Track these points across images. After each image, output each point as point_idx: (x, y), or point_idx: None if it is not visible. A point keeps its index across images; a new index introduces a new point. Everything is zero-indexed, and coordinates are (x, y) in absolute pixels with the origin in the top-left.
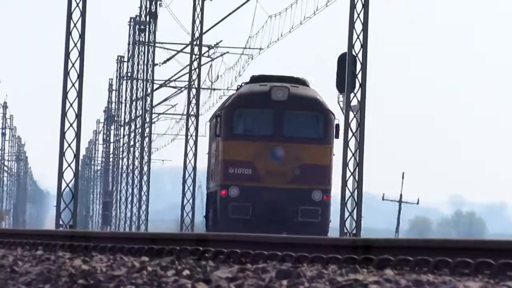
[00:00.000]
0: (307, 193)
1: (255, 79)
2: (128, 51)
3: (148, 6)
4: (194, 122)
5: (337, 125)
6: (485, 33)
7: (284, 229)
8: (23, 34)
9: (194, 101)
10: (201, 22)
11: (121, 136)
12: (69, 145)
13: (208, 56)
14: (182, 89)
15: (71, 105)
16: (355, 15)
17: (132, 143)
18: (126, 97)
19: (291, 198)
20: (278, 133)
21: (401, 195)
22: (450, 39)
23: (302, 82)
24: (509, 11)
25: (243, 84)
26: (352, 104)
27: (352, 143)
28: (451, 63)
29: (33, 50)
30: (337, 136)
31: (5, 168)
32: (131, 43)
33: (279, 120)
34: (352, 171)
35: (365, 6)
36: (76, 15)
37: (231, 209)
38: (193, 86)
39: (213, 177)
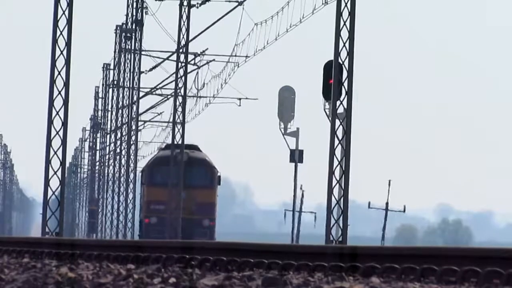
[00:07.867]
0: (200, 221)
1: (166, 147)
2: (114, 59)
3: (134, 14)
4: (180, 130)
5: (219, 176)
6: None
7: None
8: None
9: (180, 108)
10: (187, 30)
11: (107, 144)
12: (55, 153)
13: (194, 64)
14: (168, 96)
15: (57, 112)
16: (341, 23)
17: (118, 150)
18: (112, 105)
19: (190, 224)
20: (181, 182)
21: (387, 203)
22: (438, 47)
23: (197, 148)
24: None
25: (161, 149)
26: (338, 111)
27: (338, 151)
28: (438, 71)
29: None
30: (219, 183)
31: None
32: (117, 51)
33: (182, 174)
34: (338, 179)
35: (351, 14)
36: (62, 22)
37: (151, 232)
38: (179, 93)
39: (141, 210)
